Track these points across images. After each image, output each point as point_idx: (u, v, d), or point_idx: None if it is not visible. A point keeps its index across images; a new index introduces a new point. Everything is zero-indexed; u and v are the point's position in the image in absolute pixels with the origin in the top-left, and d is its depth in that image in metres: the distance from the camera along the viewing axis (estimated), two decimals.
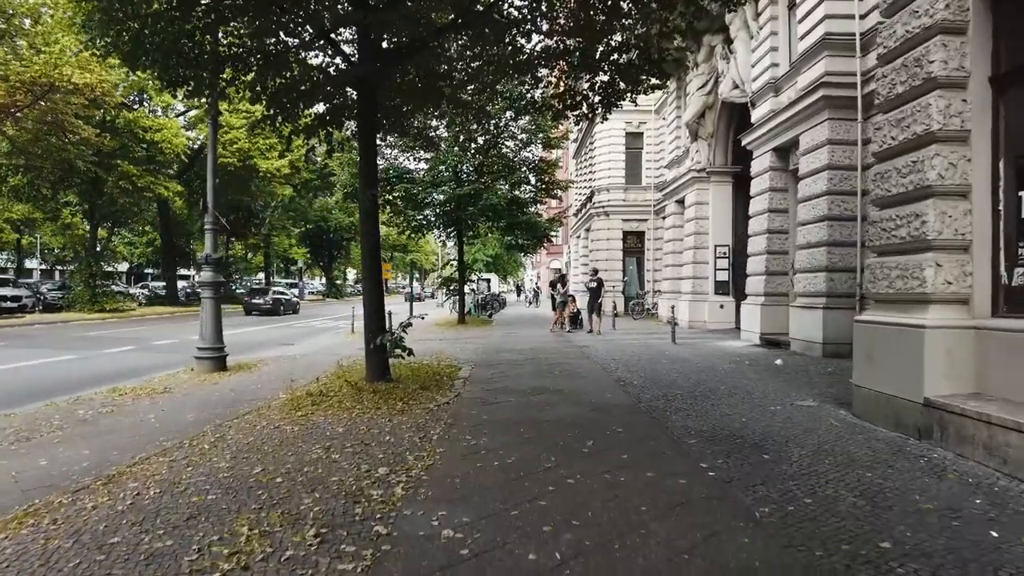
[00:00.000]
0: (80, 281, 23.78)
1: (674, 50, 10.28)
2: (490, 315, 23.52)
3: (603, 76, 7.18)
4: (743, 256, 13.60)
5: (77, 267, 26.04)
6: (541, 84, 8.65)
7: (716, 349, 11.05)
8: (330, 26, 6.76)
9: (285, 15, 6.14)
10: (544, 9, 6.96)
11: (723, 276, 15.88)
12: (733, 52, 13.37)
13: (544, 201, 22.64)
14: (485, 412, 5.74)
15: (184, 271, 41.29)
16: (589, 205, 25.26)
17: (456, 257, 20.89)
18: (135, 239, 41.78)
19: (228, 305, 28.64)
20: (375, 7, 6.17)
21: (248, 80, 6.66)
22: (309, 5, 6.20)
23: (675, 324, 12.76)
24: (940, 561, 2.63)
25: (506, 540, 2.87)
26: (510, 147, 18.62)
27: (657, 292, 21.29)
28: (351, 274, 64.91)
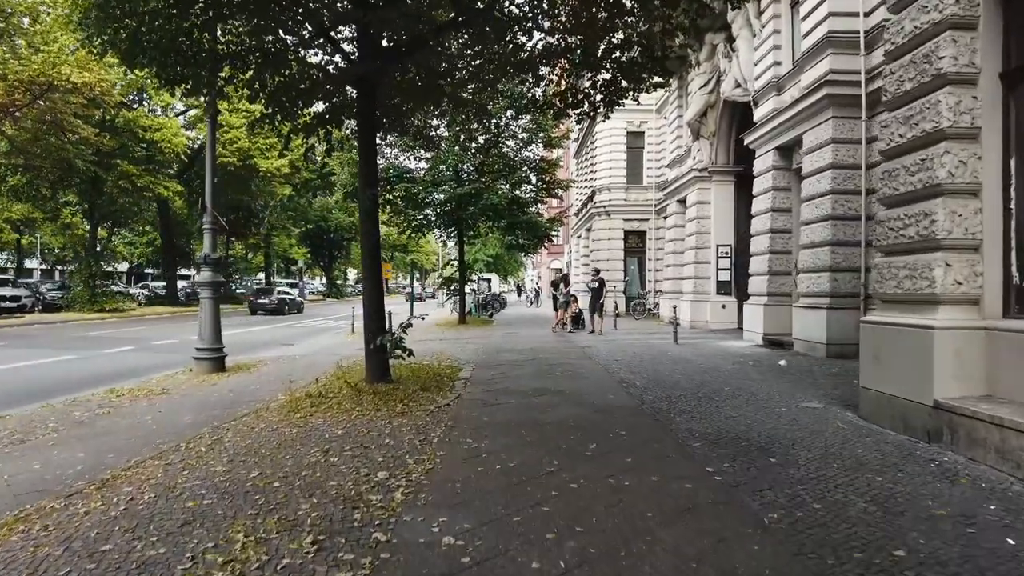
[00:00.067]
0: (80, 281, 23.76)
1: (677, 48, 10.21)
2: (491, 315, 23.44)
3: (605, 74, 7.11)
4: (745, 256, 13.53)
5: (77, 267, 26.00)
6: (542, 82, 8.58)
7: (719, 349, 10.96)
8: (329, 24, 6.70)
9: (284, 13, 6.07)
10: (545, 7, 6.90)
11: (725, 276, 15.80)
12: (735, 50, 13.29)
13: (545, 201, 22.57)
14: (486, 414, 5.67)
15: (184, 271, 41.21)
16: (590, 205, 25.19)
17: (457, 257, 20.82)
18: (135, 239, 41.76)
19: (231, 305, 28.77)
20: (375, 5, 6.09)
21: (247, 78, 6.61)
22: (308, 2, 6.15)
23: (677, 324, 12.69)
24: (956, 570, 2.55)
25: (508, 547, 2.79)
26: (511, 146, 18.54)
27: (658, 292, 21.22)
28: (351, 274, 64.88)
